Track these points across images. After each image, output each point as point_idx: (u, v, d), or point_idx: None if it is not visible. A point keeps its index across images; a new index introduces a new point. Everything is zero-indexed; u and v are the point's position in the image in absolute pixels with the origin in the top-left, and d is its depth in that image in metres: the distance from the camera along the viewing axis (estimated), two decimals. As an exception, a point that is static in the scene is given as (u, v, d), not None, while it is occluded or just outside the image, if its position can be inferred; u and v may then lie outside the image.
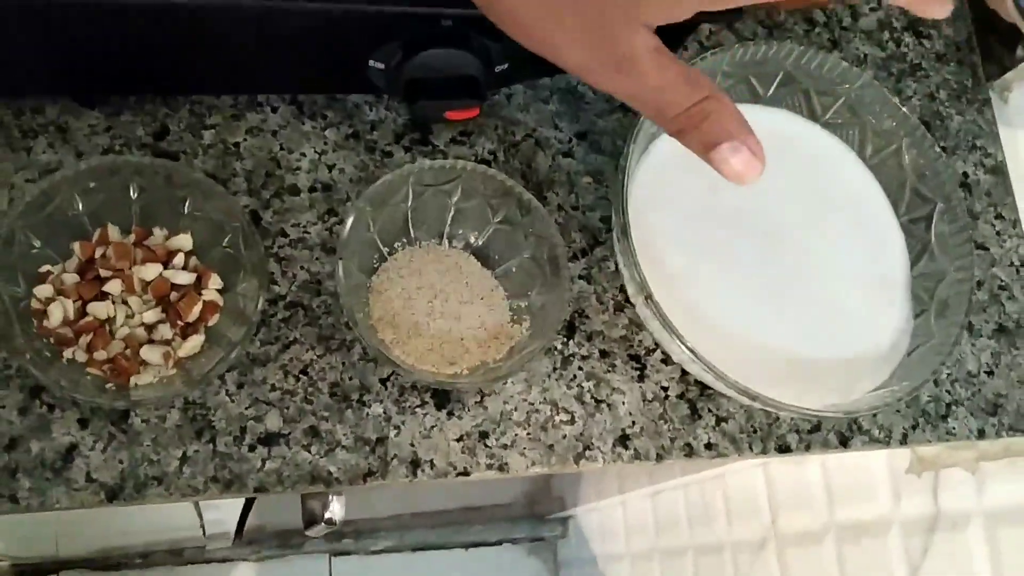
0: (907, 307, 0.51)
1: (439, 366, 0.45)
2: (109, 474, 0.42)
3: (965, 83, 0.63)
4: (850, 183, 0.53)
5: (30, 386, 0.42)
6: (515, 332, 0.47)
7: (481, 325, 0.47)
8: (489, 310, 0.47)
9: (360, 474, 0.45)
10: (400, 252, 0.48)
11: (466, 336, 0.46)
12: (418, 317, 0.46)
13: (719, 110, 0.35)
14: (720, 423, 0.50)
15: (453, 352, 0.46)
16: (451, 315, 0.47)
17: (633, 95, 0.35)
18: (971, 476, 0.64)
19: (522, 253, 0.48)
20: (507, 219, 0.48)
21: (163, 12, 0.40)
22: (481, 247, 0.49)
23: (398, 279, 0.47)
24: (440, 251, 0.48)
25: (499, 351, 0.46)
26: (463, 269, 0.48)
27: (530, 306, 0.48)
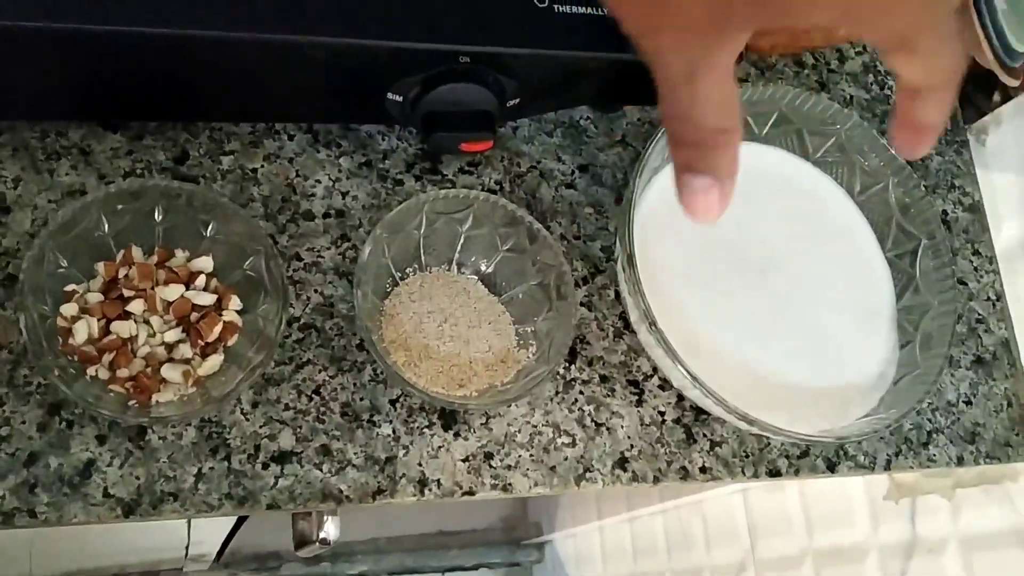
0: (893, 338, 0.53)
1: (448, 388, 0.47)
2: (126, 490, 0.43)
3: (945, 125, 0.66)
4: (839, 219, 0.55)
5: (49, 403, 0.43)
6: (521, 356, 0.49)
7: (489, 349, 0.48)
8: (496, 335, 0.49)
9: (370, 492, 0.46)
10: (412, 277, 0.49)
11: (474, 359, 0.48)
12: (428, 340, 0.48)
13: (732, 145, 0.32)
14: (714, 447, 0.52)
15: (462, 375, 0.47)
16: (460, 339, 0.48)
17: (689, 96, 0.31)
18: (947, 503, 0.67)
19: (529, 280, 0.50)
20: (515, 247, 0.50)
21: (186, 43, 0.41)
22: (489, 274, 0.50)
23: (409, 303, 0.48)
24: (450, 277, 0.50)
25: (506, 374, 0.48)
26: (471, 295, 0.50)
27: (536, 332, 0.49)
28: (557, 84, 0.50)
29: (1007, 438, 0.59)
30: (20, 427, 0.42)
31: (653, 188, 0.51)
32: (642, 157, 0.48)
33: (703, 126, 0.31)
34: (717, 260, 0.52)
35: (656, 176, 0.51)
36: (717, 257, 0.52)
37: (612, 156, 0.56)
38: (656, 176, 0.51)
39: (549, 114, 0.56)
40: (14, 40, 0.38)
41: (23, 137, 0.47)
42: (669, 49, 0.30)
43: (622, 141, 0.57)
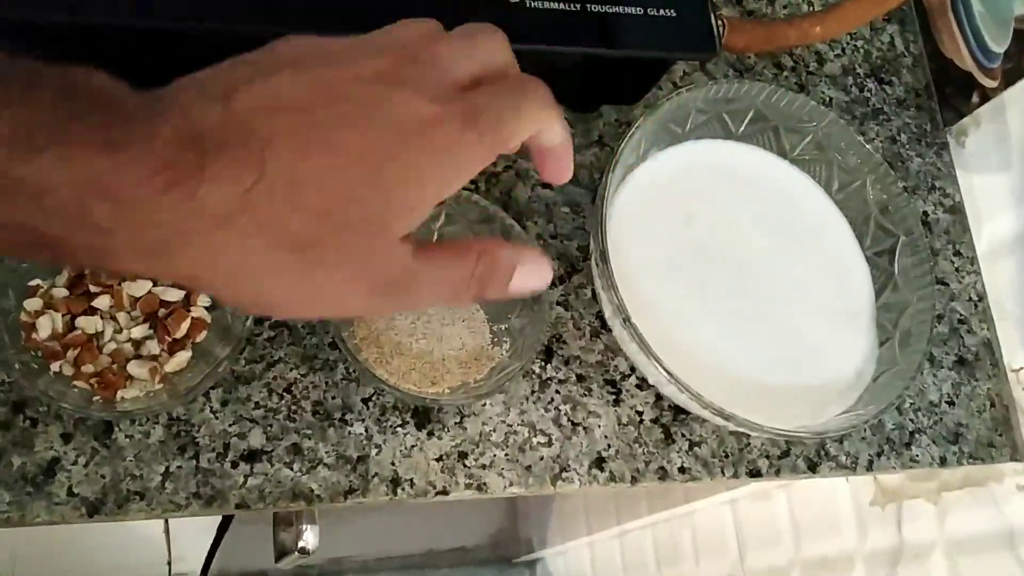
0: (872, 336, 0.53)
1: (421, 385, 0.46)
2: (91, 489, 0.42)
3: (924, 127, 0.66)
4: (817, 217, 0.55)
5: (13, 400, 0.42)
6: (495, 354, 0.48)
7: (462, 347, 0.48)
8: (470, 332, 0.48)
9: (341, 491, 0.45)
10: None
11: (447, 357, 0.47)
12: (400, 337, 0.47)
13: (495, 259, 0.35)
14: (693, 447, 0.52)
15: (435, 372, 0.47)
16: (433, 336, 0.48)
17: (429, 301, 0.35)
18: (933, 507, 0.66)
19: None
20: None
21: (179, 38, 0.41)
22: None
23: None
24: None
25: (480, 372, 0.47)
26: None
27: (510, 329, 0.49)
28: (530, 79, 0.49)
29: (990, 438, 0.58)
30: (-17, 425, 0.42)
31: (628, 185, 0.51)
32: (615, 153, 0.47)
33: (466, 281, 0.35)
34: (693, 259, 0.52)
35: (630, 174, 0.51)
36: (693, 256, 0.52)
37: (589, 156, 0.56)
38: (630, 174, 0.51)
39: (525, 114, 0.56)
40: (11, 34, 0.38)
41: None
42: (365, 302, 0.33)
43: (599, 141, 0.57)
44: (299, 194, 0.28)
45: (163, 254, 0.28)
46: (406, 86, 0.31)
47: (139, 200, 0.26)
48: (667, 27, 0.47)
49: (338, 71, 0.31)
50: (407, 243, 0.32)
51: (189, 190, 0.27)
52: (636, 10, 0.47)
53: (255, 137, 0.28)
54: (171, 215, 0.27)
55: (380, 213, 0.30)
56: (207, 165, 0.27)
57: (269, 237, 0.28)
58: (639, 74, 0.52)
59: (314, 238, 0.29)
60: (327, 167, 0.29)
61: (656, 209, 0.51)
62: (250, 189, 0.27)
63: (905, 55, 0.69)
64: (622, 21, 0.47)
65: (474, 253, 0.35)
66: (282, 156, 0.28)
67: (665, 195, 0.52)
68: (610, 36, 0.46)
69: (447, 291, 0.34)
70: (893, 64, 0.68)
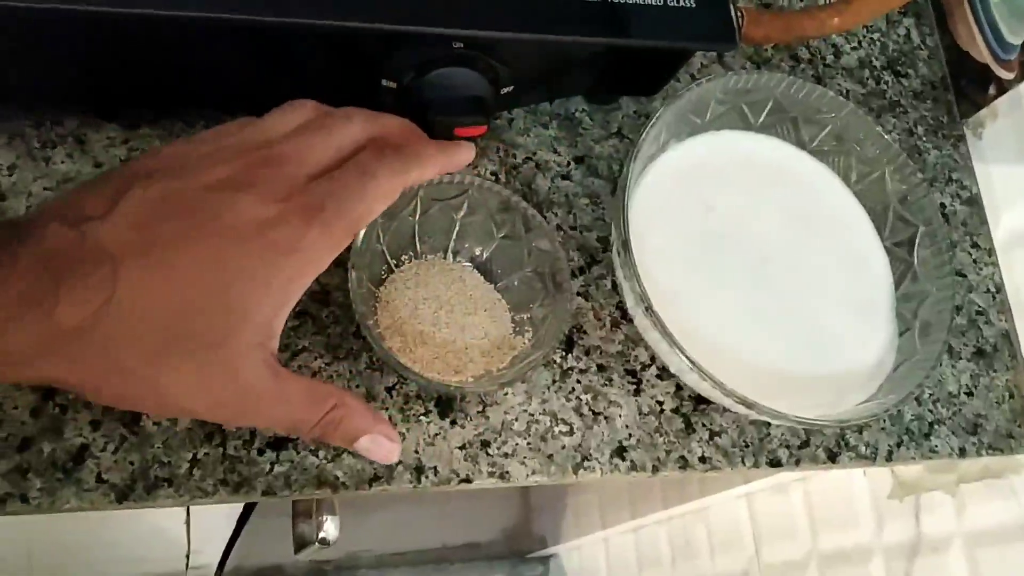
0: (892, 326, 0.53)
1: (444, 374, 0.47)
2: (120, 475, 0.43)
3: (941, 119, 0.67)
4: (836, 207, 0.55)
5: (43, 388, 0.43)
6: (517, 343, 0.49)
7: (485, 336, 0.48)
8: (492, 322, 0.49)
9: (366, 479, 0.46)
10: (407, 264, 0.49)
11: (470, 346, 0.48)
12: (424, 326, 0.47)
13: (348, 414, 0.38)
14: (713, 437, 0.52)
15: (458, 361, 0.47)
16: (456, 325, 0.48)
17: (267, 424, 0.37)
18: (951, 499, 0.66)
19: (524, 268, 0.50)
20: (510, 234, 0.50)
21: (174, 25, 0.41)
22: (485, 261, 0.50)
23: (405, 290, 0.48)
24: (445, 265, 0.50)
25: (502, 360, 0.48)
26: (467, 282, 0.50)
27: (532, 319, 0.49)
28: (552, 70, 0.50)
29: (1009, 429, 0.58)
30: (12, 412, 0.42)
31: (648, 176, 0.51)
32: (636, 144, 0.48)
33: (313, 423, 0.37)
34: (713, 249, 0.52)
35: (651, 164, 0.51)
36: (713, 246, 0.52)
37: (608, 148, 0.57)
38: (651, 164, 0.51)
39: (544, 106, 0.56)
40: (10, 20, 0.39)
41: (18, 125, 0.47)
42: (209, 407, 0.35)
43: (618, 133, 0.57)
44: (145, 310, 0.31)
45: (28, 364, 0.31)
46: (252, 189, 0.34)
47: (5, 318, 0.30)
48: (687, 18, 0.48)
49: (186, 182, 0.34)
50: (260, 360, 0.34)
51: (46, 310, 0.30)
52: (656, 1, 0.47)
53: (106, 256, 0.31)
54: (33, 329, 0.30)
55: (220, 324, 0.32)
56: (61, 286, 0.30)
57: (120, 349, 0.32)
58: (658, 65, 0.52)
59: (159, 349, 0.32)
60: (169, 283, 0.32)
61: (676, 199, 0.52)
62: (100, 308, 0.31)
63: (921, 47, 0.69)
64: (643, 12, 0.47)
65: (331, 401, 0.37)
66: (131, 275, 0.31)
67: (684, 186, 0.52)
68: (631, 27, 0.47)
69: (288, 426, 0.37)
70: (909, 56, 0.68)
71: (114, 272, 0.31)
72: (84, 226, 0.32)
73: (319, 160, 0.36)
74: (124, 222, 0.32)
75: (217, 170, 0.34)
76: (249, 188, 0.33)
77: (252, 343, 0.33)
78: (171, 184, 0.33)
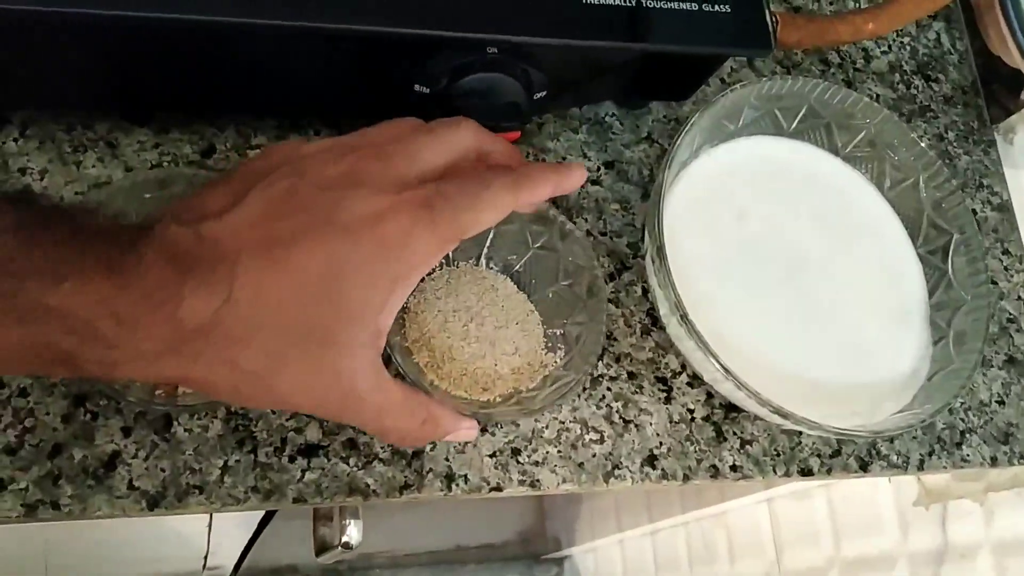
0: (926, 334, 0.52)
1: (471, 392, 0.46)
2: (151, 482, 0.43)
3: (972, 125, 0.66)
4: (869, 214, 0.54)
5: (74, 394, 0.43)
6: (549, 360, 0.48)
7: (515, 351, 0.47)
8: (524, 336, 0.48)
9: (397, 487, 0.45)
10: (438, 272, 0.49)
11: (500, 362, 0.47)
12: (453, 341, 0.47)
13: (435, 430, 0.39)
14: (745, 446, 0.51)
15: (486, 378, 0.47)
16: (486, 339, 0.47)
17: (360, 425, 0.38)
18: (979, 507, 0.65)
19: (559, 280, 0.49)
20: (546, 245, 0.49)
21: (210, 30, 0.41)
22: (519, 272, 0.50)
23: (435, 300, 0.48)
24: (477, 273, 0.49)
25: (532, 379, 0.47)
26: (500, 292, 0.49)
27: (565, 335, 0.48)
28: (585, 75, 0.49)
29: (1042, 439, 0.58)
30: (44, 418, 0.42)
31: (681, 182, 0.51)
32: (670, 150, 0.47)
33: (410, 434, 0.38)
34: (746, 255, 0.51)
35: (684, 170, 0.51)
36: (746, 253, 0.51)
37: (638, 152, 0.56)
38: (684, 170, 0.51)
39: (574, 111, 0.56)
40: (42, 26, 0.38)
41: (50, 130, 0.47)
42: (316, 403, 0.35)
43: (648, 138, 0.57)
44: (262, 309, 0.32)
45: (155, 362, 0.32)
46: (363, 184, 0.33)
47: (136, 318, 0.30)
48: (722, 23, 0.47)
49: (302, 181, 0.33)
50: (367, 362, 0.34)
51: (172, 307, 0.30)
52: (691, 6, 0.47)
53: (225, 256, 0.31)
54: (160, 329, 0.31)
55: (332, 323, 0.33)
56: (184, 286, 0.31)
57: (239, 349, 0.32)
58: (692, 70, 0.52)
59: (276, 349, 0.32)
60: (284, 282, 0.32)
61: (709, 206, 0.51)
62: (220, 307, 0.31)
63: (952, 52, 0.68)
64: (678, 17, 0.47)
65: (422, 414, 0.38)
66: (248, 275, 0.31)
67: (717, 192, 0.52)
68: (666, 32, 0.46)
69: (378, 431, 0.38)
70: (940, 61, 0.68)
71: (232, 271, 0.31)
72: (202, 226, 0.32)
73: (430, 161, 0.36)
74: (241, 221, 0.32)
75: (331, 168, 0.34)
76: (360, 184, 0.33)
77: (359, 343, 0.33)
78: (288, 183, 0.33)
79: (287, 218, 0.32)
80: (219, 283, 0.31)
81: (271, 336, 0.32)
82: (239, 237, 0.32)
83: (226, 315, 0.31)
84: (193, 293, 0.31)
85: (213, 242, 0.32)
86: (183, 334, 0.31)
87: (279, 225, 0.32)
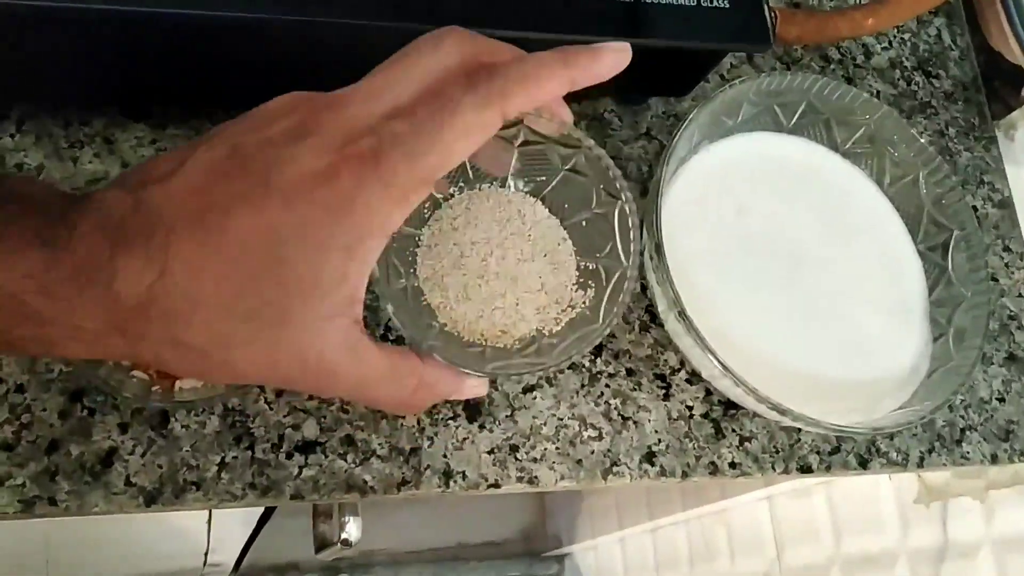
0: (926, 331, 0.52)
1: (488, 335, 0.41)
2: (148, 478, 0.42)
3: (972, 121, 0.66)
4: (869, 210, 0.54)
5: (71, 390, 0.43)
6: (577, 300, 0.43)
7: (541, 287, 0.42)
8: (553, 269, 0.42)
9: (394, 483, 0.45)
10: (456, 198, 0.43)
11: (522, 300, 0.42)
12: (469, 279, 0.41)
13: (429, 394, 0.36)
14: (743, 443, 0.51)
15: (505, 319, 0.41)
16: (507, 275, 0.42)
17: (345, 398, 0.35)
18: (980, 504, 0.65)
19: (594, 207, 0.43)
20: (578, 168, 0.42)
21: (208, 27, 0.41)
22: (550, 193, 0.43)
23: (451, 232, 0.42)
24: (501, 196, 0.43)
25: (557, 321, 0.42)
26: (527, 218, 0.43)
27: (597, 271, 0.42)
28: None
29: (1042, 436, 0.57)
30: (41, 414, 0.42)
31: (680, 178, 0.50)
32: (669, 146, 0.47)
33: (401, 398, 0.36)
34: (745, 252, 0.51)
35: (683, 167, 0.51)
36: (745, 249, 0.51)
37: (637, 149, 0.56)
38: (683, 167, 0.51)
39: (573, 106, 0.56)
40: (36, 21, 0.38)
41: (46, 125, 0.46)
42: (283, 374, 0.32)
43: (647, 134, 0.56)
44: (201, 285, 0.28)
45: (98, 341, 0.29)
46: (307, 138, 0.29)
47: (68, 294, 0.28)
48: (721, 19, 0.47)
49: (244, 138, 0.30)
50: (335, 336, 0.30)
51: (105, 284, 0.28)
52: (690, 1, 0.47)
53: (159, 226, 0.28)
54: (96, 307, 0.28)
55: (279, 300, 0.29)
56: (118, 255, 0.28)
57: (182, 328, 0.29)
58: (691, 66, 0.52)
59: (223, 330, 0.29)
60: (221, 255, 0.28)
61: (707, 202, 0.51)
62: (155, 282, 0.28)
63: (952, 48, 0.68)
64: (677, 13, 0.46)
65: (411, 381, 0.35)
66: (182, 246, 0.28)
67: (716, 188, 0.51)
68: (665, 28, 0.46)
69: (364, 402, 0.36)
70: (940, 57, 0.67)
71: (166, 242, 0.28)
72: (143, 192, 0.29)
73: (397, 96, 0.30)
74: (182, 186, 0.29)
75: (281, 121, 0.30)
76: (304, 138, 0.29)
77: (320, 317, 0.30)
78: (232, 142, 0.30)
79: (225, 182, 0.29)
80: (153, 255, 0.28)
81: (212, 313, 0.29)
82: (176, 204, 0.28)
83: (161, 290, 0.28)
84: (126, 266, 0.28)
85: (150, 209, 0.28)
86: (122, 312, 0.28)
87: (216, 190, 0.29)
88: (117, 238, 0.28)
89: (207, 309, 0.29)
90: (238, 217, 0.28)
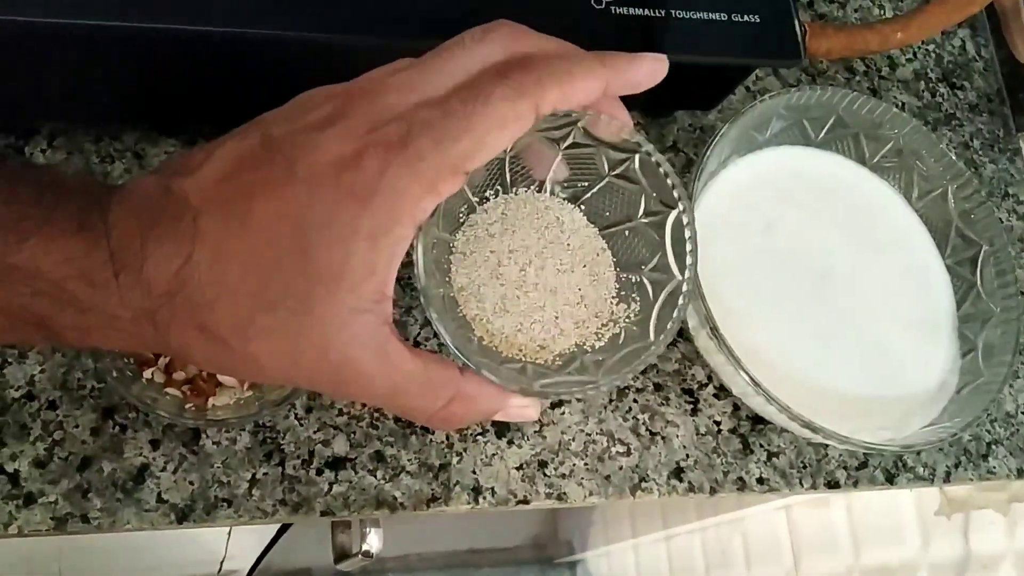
0: (954, 347, 0.52)
1: (527, 351, 0.38)
2: (180, 495, 0.42)
3: (997, 133, 0.66)
4: (897, 225, 0.54)
5: (103, 407, 0.43)
6: (619, 315, 0.40)
7: (580, 300, 0.39)
8: (592, 281, 0.40)
9: (424, 499, 0.45)
10: (492, 203, 0.40)
11: (561, 313, 0.39)
12: (507, 289, 0.39)
13: (468, 410, 0.33)
14: (771, 458, 0.51)
15: (545, 333, 0.39)
16: (546, 287, 0.39)
17: (372, 403, 0.33)
18: (1003, 517, 0.65)
19: (638, 216, 0.40)
20: (626, 175, 0.40)
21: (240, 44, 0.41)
22: (588, 200, 0.41)
23: (487, 239, 0.39)
24: (539, 202, 0.41)
25: (599, 336, 0.39)
26: (566, 226, 0.40)
27: (642, 285, 0.40)
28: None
29: (1069, 451, 0.57)
30: (73, 431, 0.42)
31: (710, 193, 0.50)
32: (699, 161, 0.47)
33: (431, 411, 0.33)
34: (773, 267, 0.51)
35: (712, 181, 0.51)
36: (773, 264, 0.51)
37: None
38: (712, 181, 0.51)
39: (600, 120, 0.56)
40: (72, 39, 0.38)
41: (78, 140, 0.46)
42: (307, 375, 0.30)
43: (673, 147, 0.56)
44: (226, 272, 0.28)
45: (131, 331, 0.29)
46: (336, 124, 0.29)
47: (105, 279, 0.28)
48: (752, 34, 0.47)
49: (276, 127, 0.29)
50: (363, 331, 0.29)
51: (137, 267, 0.28)
52: (720, 16, 0.47)
53: (187, 211, 0.28)
54: (131, 293, 0.28)
55: (303, 289, 0.28)
56: (148, 242, 0.28)
57: (206, 315, 0.28)
58: (720, 80, 0.52)
59: (246, 318, 0.28)
60: (246, 241, 0.28)
61: (736, 217, 0.51)
62: (182, 267, 0.28)
63: (977, 59, 0.68)
64: (707, 27, 0.46)
65: (447, 393, 0.32)
66: (209, 231, 0.28)
67: (745, 202, 0.51)
68: (695, 43, 0.46)
69: (393, 410, 0.33)
70: (965, 69, 0.67)
71: (193, 228, 0.28)
72: (174, 180, 0.28)
73: (436, 87, 0.29)
74: (212, 172, 0.28)
75: (316, 110, 0.29)
76: (334, 125, 0.28)
77: (349, 309, 0.28)
78: (268, 129, 0.29)
79: (252, 169, 0.28)
80: (181, 241, 0.28)
81: (236, 300, 0.28)
82: (204, 190, 0.28)
83: (188, 275, 0.28)
84: (156, 251, 0.27)
85: (179, 196, 0.28)
86: (152, 298, 0.28)
87: (244, 177, 0.28)
88: (147, 223, 0.28)
89: (231, 296, 0.28)
90: (262, 203, 0.28)
